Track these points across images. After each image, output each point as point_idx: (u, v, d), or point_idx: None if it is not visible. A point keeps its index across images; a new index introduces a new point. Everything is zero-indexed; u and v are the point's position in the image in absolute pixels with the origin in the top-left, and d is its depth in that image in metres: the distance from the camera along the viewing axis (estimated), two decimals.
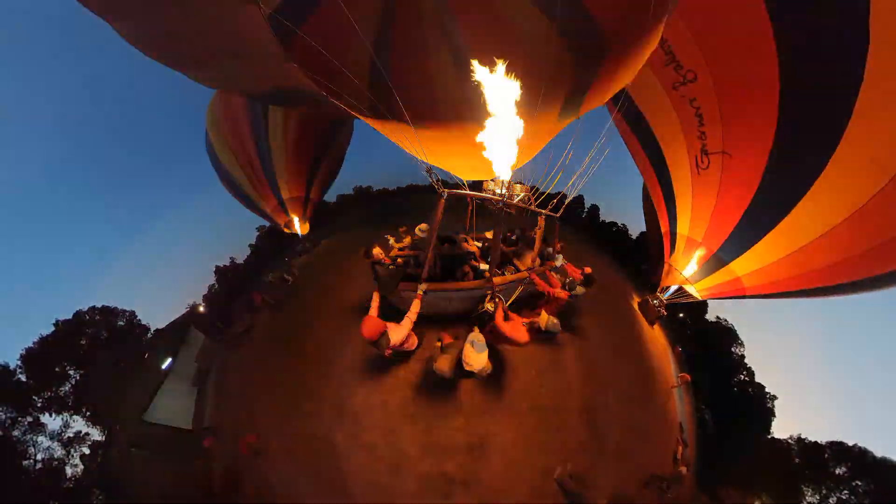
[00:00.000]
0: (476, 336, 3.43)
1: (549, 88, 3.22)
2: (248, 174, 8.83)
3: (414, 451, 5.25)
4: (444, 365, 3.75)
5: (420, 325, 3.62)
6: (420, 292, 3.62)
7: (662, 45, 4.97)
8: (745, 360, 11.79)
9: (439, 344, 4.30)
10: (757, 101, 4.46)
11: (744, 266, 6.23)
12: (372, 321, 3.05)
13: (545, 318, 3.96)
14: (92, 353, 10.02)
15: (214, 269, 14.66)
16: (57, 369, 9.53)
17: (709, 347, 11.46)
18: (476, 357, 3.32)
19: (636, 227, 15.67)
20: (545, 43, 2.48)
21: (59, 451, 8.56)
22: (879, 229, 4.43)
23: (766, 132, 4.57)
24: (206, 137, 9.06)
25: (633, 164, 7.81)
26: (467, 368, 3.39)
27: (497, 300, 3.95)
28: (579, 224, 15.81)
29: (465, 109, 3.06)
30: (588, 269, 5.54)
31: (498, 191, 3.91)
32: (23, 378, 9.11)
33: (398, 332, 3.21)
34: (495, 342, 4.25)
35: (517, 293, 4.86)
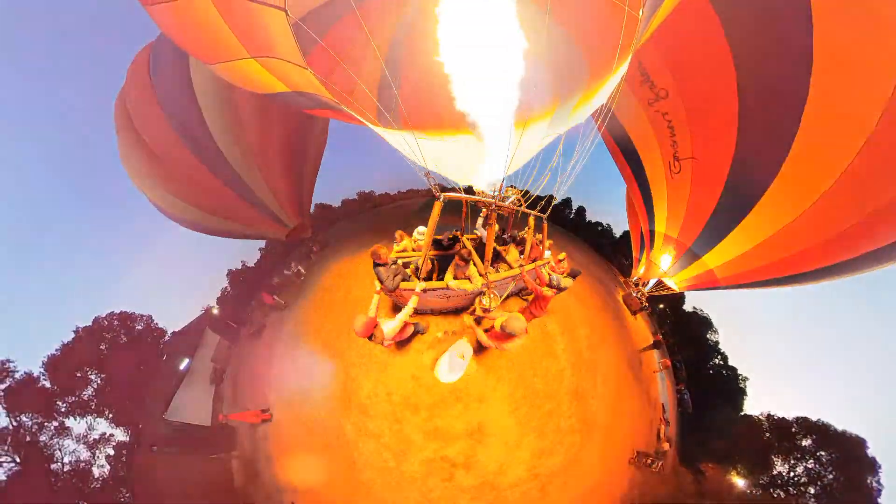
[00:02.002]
0: (446, 363, 3.28)
1: (539, 106, 3.37)
2: (225, 214, 7.51)
3: (418, 438, 5.32)
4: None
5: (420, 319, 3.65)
6: (418, 290, 3.66)
7: (639, 68, 5.34)
8: (720, 346, 12.03)
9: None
10: (719, 113, 4.82)
11: (715, 258, 6.46)
12: (361, 321, 3.05)
13: (500, 321, 3.46)
14: (112, 357, 9.91)
15: (227, 272, 14.49)
16: (79, 374, 9.40)
17: (686, 335, 11.66)
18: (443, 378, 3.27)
19: (619, 226, 15.89)
20: (535, 67, 2.61)
21: (84, 454, 8.47)
22: (829, 224, 4.68)
23: (729, 140, 4.91)
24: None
25: (616, 170, 8.03)
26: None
27: (495, 298, 3.94)
28: (568, 224, 15.98)
29: (464, 122, 3.16)
30: (563, 255, 5.49)
31: (491, 193, 3.97)
32: (47, 384, 8.99)
33: (391, 326, 3.24)
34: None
35: (509, 290, 4.93)
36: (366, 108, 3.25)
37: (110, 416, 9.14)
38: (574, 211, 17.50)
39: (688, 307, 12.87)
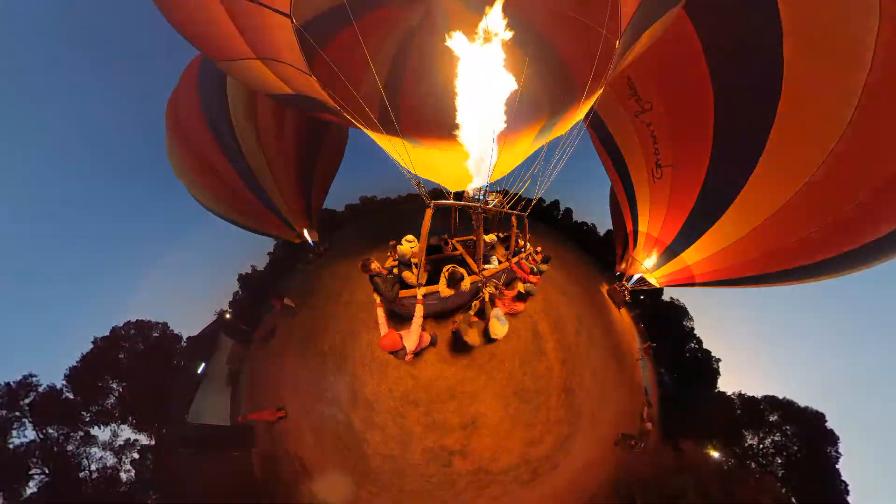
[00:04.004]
0: (499, 311, 3.87)
1: (527, 120, 3.47)
2: (237, 207, 7.90)
3: (418, 430, 5.51)
4: (474, 338, 4.09)
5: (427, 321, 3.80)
6: (420, 297, 3.56)
7: (627, 82, 5.60)
8: (695, 332, 12.37)
9: (455, 325, 4.50)
10: (697, 126, 5.09)
11: (692, 256, 6.70)
12: (389, 338, 2.99)
13: (521, 285, 4.54)
14: (131, 365, 9.88)
15: (237, 277, 14.43)
16: (100, 384, 9.33)
17: (665, 323, 11.95)
18: (500, 328, 3.76)
19: (604, 226, 16.13)
20: (526, 85, 2.66)
21: (111, 460, 8.37)
22: (794, 228, 4.90)
23: (705, 150, 5.17)
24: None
25: (602, 174, 8.28)
26: (493, 337, 3.83)
27: (492, 285, 4.17)
28: (556, 224, 16.19)
29: (455, 133, 3.21)
30: (539, 248, 5.94)
31: (478, 197, 4.05)
32: (70, 396, 8.92)
33: (411, 339, 3.18)
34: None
35: (501, 281, 5.06)
36: (365, 115, 3.20)
37: (133, 421, 9.12)
38: (562, 212, 17.74)
39: (665, 298, 13.21)
